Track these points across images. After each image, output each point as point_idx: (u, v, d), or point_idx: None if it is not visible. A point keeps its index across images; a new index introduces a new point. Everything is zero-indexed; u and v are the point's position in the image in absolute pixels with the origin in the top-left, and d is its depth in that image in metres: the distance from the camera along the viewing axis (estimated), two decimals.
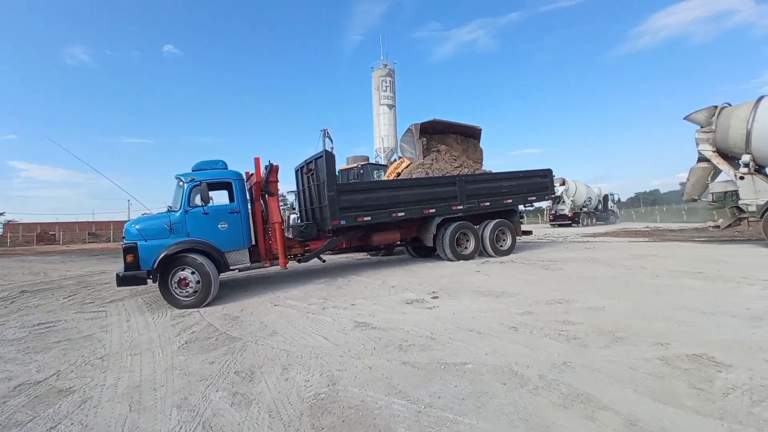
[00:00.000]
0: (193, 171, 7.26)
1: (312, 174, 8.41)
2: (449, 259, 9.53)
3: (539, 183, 10.94)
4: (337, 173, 8.99)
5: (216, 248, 6.88)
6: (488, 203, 9.92)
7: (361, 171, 13.07)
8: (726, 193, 11.15)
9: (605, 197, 33.88)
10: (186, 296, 6.54)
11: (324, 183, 7.81)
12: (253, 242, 7.49)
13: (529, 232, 11.92)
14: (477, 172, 10.85)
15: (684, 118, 11.68)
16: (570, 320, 4.36)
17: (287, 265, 7.59)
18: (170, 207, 7.22)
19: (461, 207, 9.51)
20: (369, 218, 8.30)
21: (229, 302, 6.81)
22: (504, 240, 10.37)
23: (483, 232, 9.98)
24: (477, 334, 4.15)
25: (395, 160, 15.51)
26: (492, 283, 6.65)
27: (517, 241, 10.76)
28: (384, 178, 14.18)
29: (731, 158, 10.70)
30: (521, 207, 12.36)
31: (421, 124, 11.27)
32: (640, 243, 12.74)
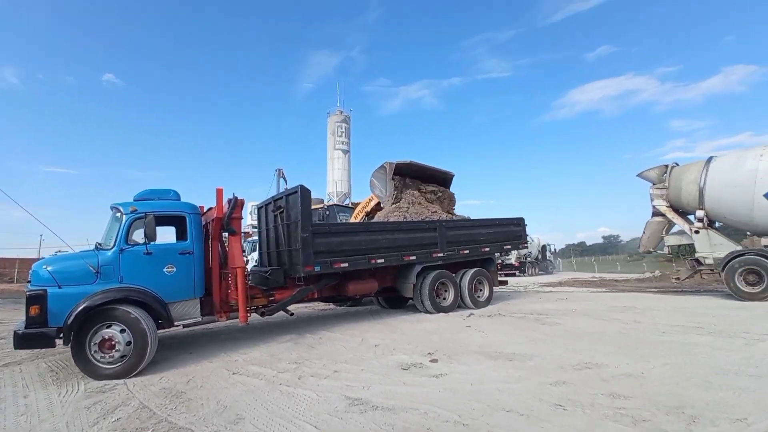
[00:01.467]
0: (135, 201, 5.90)
1: (281, 212, 7.34)
2: (428, 311, 8.65)
3: (513, 231, 10.73)
4: None
5: (158, 298, 5.43)
6: (467, 251, 9.38)
7: (327, 212, 12.14)
8: (680, 246, 11.74)
9: (543, 247, 35.40)
10: (109, 363, 4.95)
11: (297, 223, 6.76)
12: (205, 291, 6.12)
13: (505, 282, 11.52)
14: (454, 218, 10.39)
15: (637, 175, 12.41)
16: (617, 393, 3.63)
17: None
18: (99, 244, 5.72)
19: (441, 254, 8.85)
20: (346, 264, 7.28)
21: (168, 369, 5.27)
22: (482, 290, 9.77)
23: (461, 281, 9.33)
24: (519, 416, 3.25)
25: (359, 202, 14.80)
26: (493, 342, 5.84)
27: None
28: (353, 218, 13.33)
29: (683, 213, 11.37)
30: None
31: (397, 163, 10.78)
32: (604, 293, 12.85)
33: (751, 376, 3.85)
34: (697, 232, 10.56)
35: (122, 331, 5.02)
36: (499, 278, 10.64)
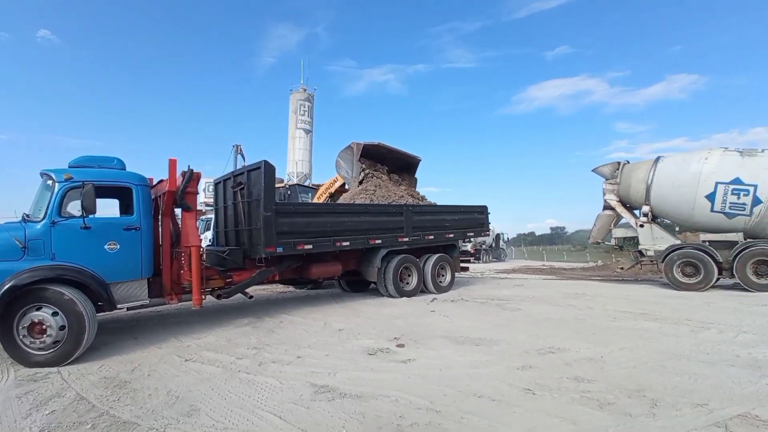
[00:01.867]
0: (71, 168, 5.20)
1: (242, 189, 6.84)
2: (391, 296, 8.59)
3: (477, 219, 10.87)
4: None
5: (97, 278, 4.87)
6: (432, 236, 9.37)
7: (288, 192, 11.61)
8: (626, 238, 12.55)
9: (497, 236, 36.83)
10: (41, 349, 4.41)
11: (260, 201, 6.32)
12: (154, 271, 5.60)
13: (466, 269, 11.72)
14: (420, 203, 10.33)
15: (592, 170, 12.98)
16: (581, 377, 3.72)
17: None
18: (27, 216, 5.01)
19: (407, 239, 8.77)
20: (311, 247, 6.96)
21: (109, 356, 4.78)
22: (444, 276, 9.85)
23: (425, 266, 9.33)
24: (491, 402, 3.22)
25: (322, 184, 14.37)
26: (458, 327, 5.86)
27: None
28: (316, 198, 12.89)
29: (630, 208, 12.11)
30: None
31: (365, 144, 10.47)
32: (556, 281, 13.51)
33: (704, 363, 4.08)
34: (641, 225, 11.28)
35: (54, 314, 4.45)
36: (461, 264, 10.78)
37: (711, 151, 10.07)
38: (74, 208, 5.02)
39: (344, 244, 7.51)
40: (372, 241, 8.06)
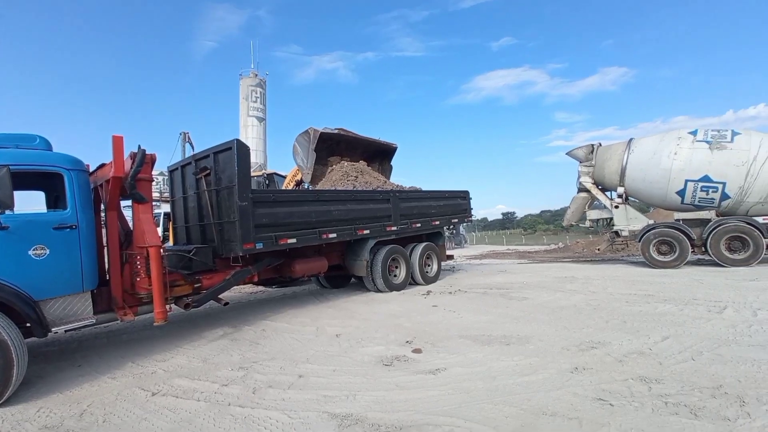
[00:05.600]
0: None
1: (207, 175, 5.71)
2: (379, 290, 7.85)
3: (460, 205, 10.37)
4: None
5: (21, 295, 3.65)
6: (419, 224, 8.72)
7: (267, 182, 10.38)
8: (599, 220, 12.70)
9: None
10: None
11: (233, 188, 5.25)
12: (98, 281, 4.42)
13: (451, 257, 11.22)
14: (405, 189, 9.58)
15: (566, 154, 13.01)
16: (646, 376, 3.22)
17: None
18: None
19: (395, 228, 8.03)
20: (294, 240, 6.00)
21: (49, 393, 3.63)
22: (430, 266, 9.26)
23: (411, 257, 8.67)
24: (569, 421, 2.60)
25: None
26: (472, 323, 5.25)
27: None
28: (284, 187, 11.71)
29: (603, 189, 12.23)
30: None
31: (322, 131, 9.46)
32: (532, 264, 13.45)
33: (754, 347, 3.75)
34: (616, 207, 11.40)
35: None
36: (446, 253, 10.26)
37: (680, 141, 10.10)
38: None
39: (331, 235, 6.62)
40: (360, 231, 7.22)
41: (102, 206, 4.85)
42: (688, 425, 2.48)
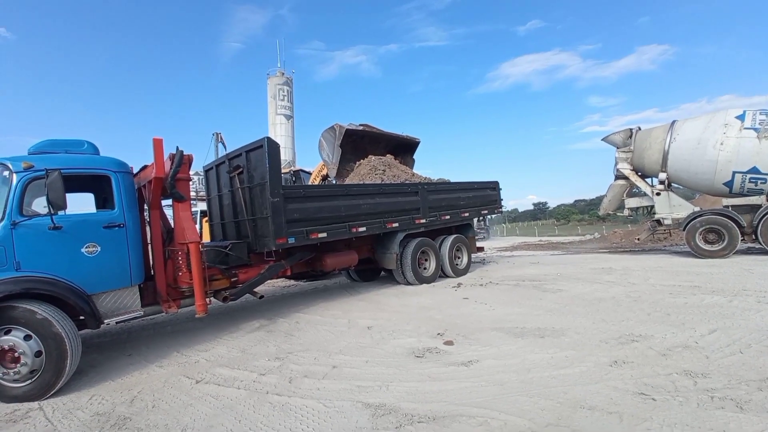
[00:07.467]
0: (30, 154, 4.19)
1: (240, 173, 5.91)
2: (409, 283, 7.87)
3: (490, 196, 10.18)
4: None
5: (76, 290, 3.94)
6: (448, 216, 8.64)
7: (294, 179, 10.63)
8: (639, 208, 12.09)
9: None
10: (16, 381, 3.54)
11: (264, 185, 5.41)
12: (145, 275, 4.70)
13: (482, 249, 11.07)
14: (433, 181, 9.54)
15: (602, 139, 12.42)
16: (691, 370, 3.08)
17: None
18: None
19: (424, 221, 8.01)
20: (325, 234, 6.12)
21: (101, 382, 3.90)
22: (460, 258, 9.18)
23: (441, 249, 8.62)
24: (609, 415, 2.53)
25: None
26: (505, 316, 5.18)
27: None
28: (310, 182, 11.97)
29: (643, 176, 11.61)
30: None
31: (347, 127, 9.54)
32: (566, 256, 13.05)
33: None
34: (658, 194, 10.81)
35: (27, 337, 3.54)
36: (476, 245, 10.12)
37: (727, 129, 9.37)
38: (40, 205, 4.06)
39: (361, 229, 6.70)
40: (389, 224, 7.26)
41: (145, 206, 5.12)
42: (733, 419, 2.36)
